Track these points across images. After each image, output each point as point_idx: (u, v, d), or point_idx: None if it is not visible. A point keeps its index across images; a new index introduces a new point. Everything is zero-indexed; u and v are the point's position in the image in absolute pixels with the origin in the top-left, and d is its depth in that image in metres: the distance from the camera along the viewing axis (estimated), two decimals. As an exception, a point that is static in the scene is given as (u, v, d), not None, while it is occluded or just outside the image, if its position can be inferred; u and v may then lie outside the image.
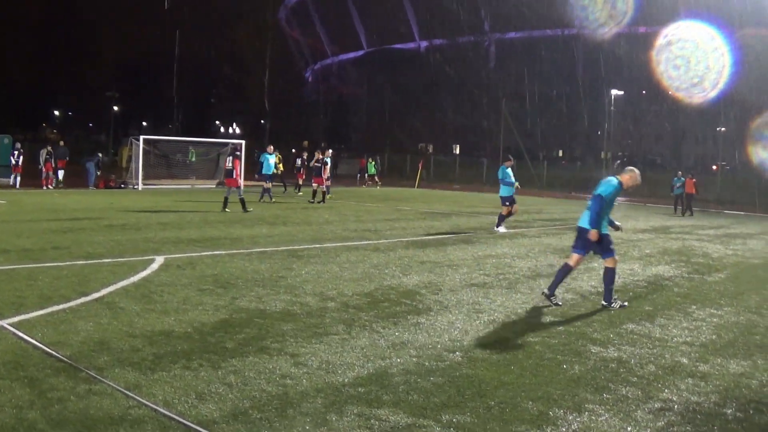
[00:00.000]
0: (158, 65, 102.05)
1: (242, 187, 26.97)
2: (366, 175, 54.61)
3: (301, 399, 6.55)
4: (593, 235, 10.90)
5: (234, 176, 25.92)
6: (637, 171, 11.44)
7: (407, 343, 8.58)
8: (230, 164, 26.14)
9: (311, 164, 34.48)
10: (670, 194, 38.72)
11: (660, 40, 68.04)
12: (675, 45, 67.27)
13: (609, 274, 11.26)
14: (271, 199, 31.91)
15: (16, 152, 37.95)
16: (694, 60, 66.70)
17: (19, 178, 37.32)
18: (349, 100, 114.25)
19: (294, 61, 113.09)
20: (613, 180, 11.26)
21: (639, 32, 74.30)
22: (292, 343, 8.35)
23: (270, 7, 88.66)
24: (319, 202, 32.05)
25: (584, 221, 11.12)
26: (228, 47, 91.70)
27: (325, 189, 33.10)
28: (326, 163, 33.07)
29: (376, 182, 52.97)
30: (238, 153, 28.13)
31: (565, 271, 11.40)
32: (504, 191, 22.39)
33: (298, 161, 38.29)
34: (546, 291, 11.45)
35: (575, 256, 11.31)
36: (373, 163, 54.49)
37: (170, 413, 6.06)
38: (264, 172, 32.09)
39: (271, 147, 33.93)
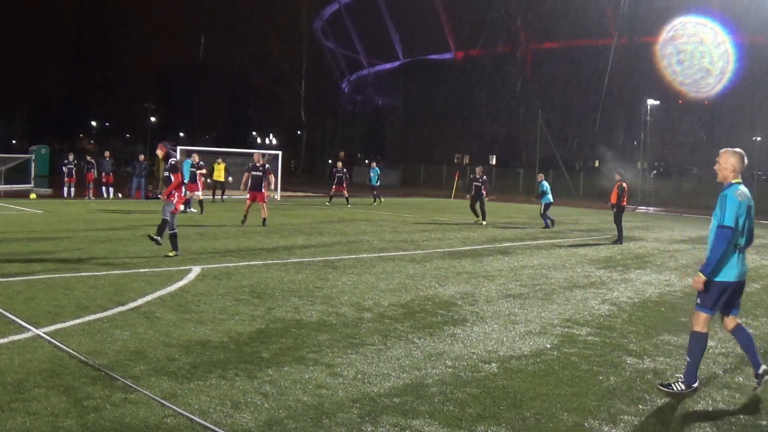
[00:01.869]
0: (194, 77, 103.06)
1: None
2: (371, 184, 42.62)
3: (336, 409, 6.56)
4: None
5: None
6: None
7: (443, 354, 8.56)
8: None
9: (333, 173, 39.84)
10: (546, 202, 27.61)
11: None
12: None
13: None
14: (185, 211, 28.33)
15: (69, 164, 38.42)
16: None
17: (73, 189, 38.03)
18: (385, 110, 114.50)
19: (330, 72, 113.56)
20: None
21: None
22: (328, 354, 8.36)
23: (305, 19, 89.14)
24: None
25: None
26: (264, 58, 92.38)
27: (347, 196, 37.76)
28: (346, 173, 38.64)
29: (374, 196, 41.41)
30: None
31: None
32: None
33: (336, 172, 38.56)
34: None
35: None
36: (372, 175, 42.10)
37: (206, 422, 6.09)
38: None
39: (196, 156, 31.05)
